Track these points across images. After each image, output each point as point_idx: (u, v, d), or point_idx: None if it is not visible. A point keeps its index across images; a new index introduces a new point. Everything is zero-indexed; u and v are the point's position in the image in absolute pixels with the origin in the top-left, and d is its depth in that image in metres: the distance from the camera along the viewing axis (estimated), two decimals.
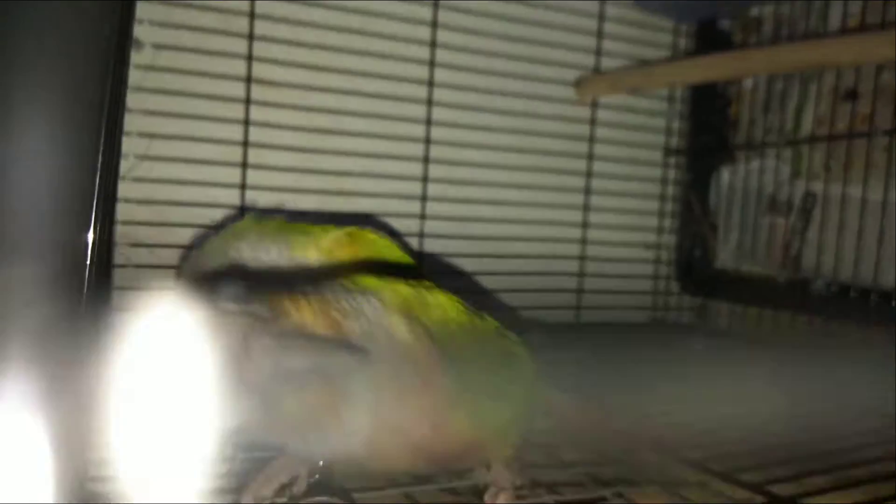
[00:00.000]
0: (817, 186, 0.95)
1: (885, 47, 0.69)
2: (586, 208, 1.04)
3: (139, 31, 0.79)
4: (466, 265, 0.96)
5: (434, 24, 0.92)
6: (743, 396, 0.67)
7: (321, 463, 0.43)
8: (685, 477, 0.50)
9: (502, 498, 0.42)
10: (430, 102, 0.93)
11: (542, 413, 0.51)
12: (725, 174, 1.07)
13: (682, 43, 1.08)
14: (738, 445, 0.57)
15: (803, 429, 0.63)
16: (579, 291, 1.04)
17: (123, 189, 0.79)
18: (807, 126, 0.96)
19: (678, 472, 0.51)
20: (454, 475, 0.47)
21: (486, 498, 0.42)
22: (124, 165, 0.79)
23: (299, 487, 0.41)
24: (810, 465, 0.54)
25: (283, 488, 0.41)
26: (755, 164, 1.02)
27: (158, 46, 0.80)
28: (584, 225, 1.04)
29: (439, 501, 0.43)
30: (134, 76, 0.79)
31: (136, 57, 0.80)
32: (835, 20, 0.91)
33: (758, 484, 0.49)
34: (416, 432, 0.37)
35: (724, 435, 0.58)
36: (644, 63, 1.03)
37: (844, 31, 0.88)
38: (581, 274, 1.04)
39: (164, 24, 0.80)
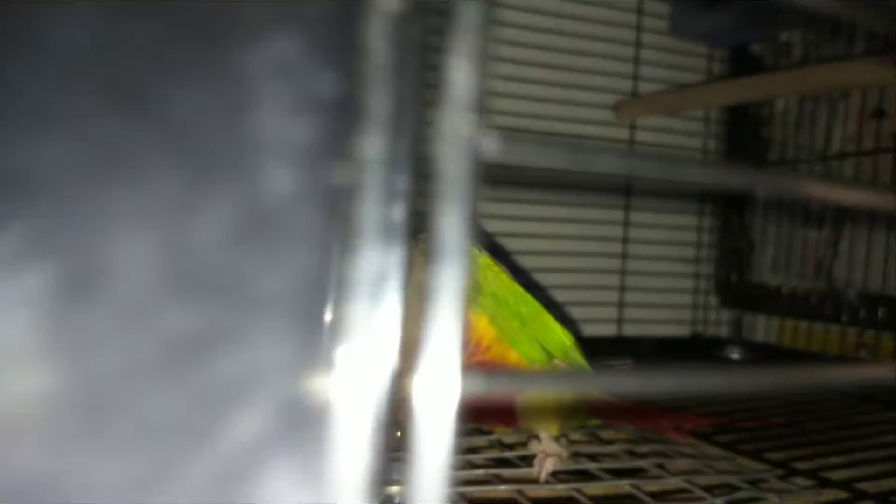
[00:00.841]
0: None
1: (888, 72, 0.75)
2: (626, 224, 1.10)
3: None
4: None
5: None
6: None
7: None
8: (715, 454, 0.56)
9: (549, 463, 0.48)
10: None
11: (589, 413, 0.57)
12: (760, 192, 1.12)
13: (716, 67, 1.13)
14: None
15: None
16: (620, 305, 1.10)
17: None
18: (836, 144, 1.01)
19: (710, 451, 0.57)
20: (507, 447, 0.53)
21: (535, 463, 0.48)
22: None
23: None
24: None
25: None
26: None
27: None
28: (625, 240, 1.10)
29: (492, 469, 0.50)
30: None
31: None
32: (860, 43, 0.97)
33: (781, 460, 0.55)
34: None
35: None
36: (679, 86, 1.09)
37: (869, 53, 0.94)
38: (622, 287, 1.10)
39: None
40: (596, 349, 1.02)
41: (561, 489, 0.46)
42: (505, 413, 0.55)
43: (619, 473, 0.49)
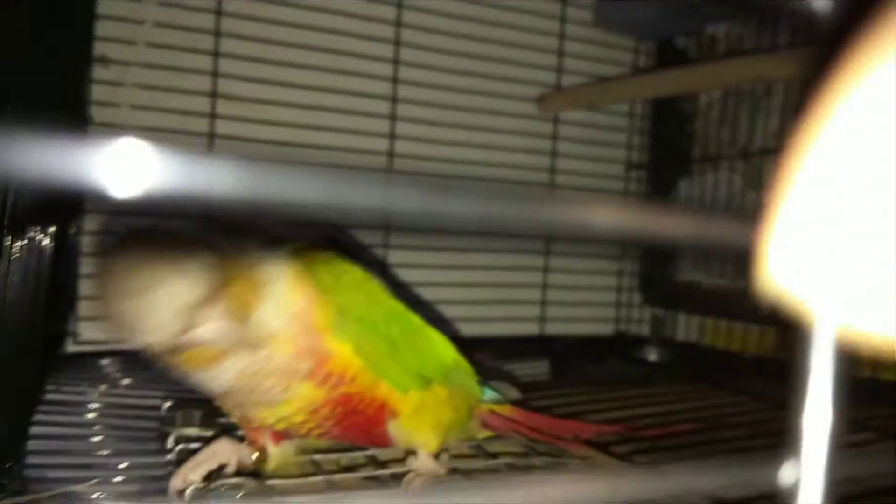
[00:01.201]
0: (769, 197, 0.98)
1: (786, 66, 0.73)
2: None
3: (106, 48, 0.82)
4: (433, 277, 0.98)
5: (397, 43, 0.96)
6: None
7: (253, 456, 0.45)
8: (605, 463, 0.53)
9: (417, 482, 0.44)
10: (393, 118, 0.96)
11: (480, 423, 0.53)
12: (683, 187, 1.10)
13: (642, 61, 1.11)
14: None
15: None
16: (543, 303, 1.07)
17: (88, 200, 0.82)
18: (759, 140, 0.99)
19: (603, 461, 0.54)
20: (380, 465, 0.49)
21: (403, 483, 0.44)
22: None
23: (228, 473, 0.43)
24: None
25: (211, 474, 0.43)
26: (710, 177, 1.05)
27: (126, 63, 0.83)
28: (548, 239, 1.07)
29: (362, 488, 0.46)
30: (100, 92, 0.83)
31: (103, 73, 0.83)
32: (783, 38, 0.95)
33: None
34: None
35: None
36: (603, 80, 1.06)
37: (793, 46, 0.92)
38: (545, 285, 1.07)
39: (131, 42, 0.83)
40: (516, 349, 1.01)
41: None
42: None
43: None
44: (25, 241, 0.53)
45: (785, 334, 0.90)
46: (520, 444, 0.54)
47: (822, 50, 0.14)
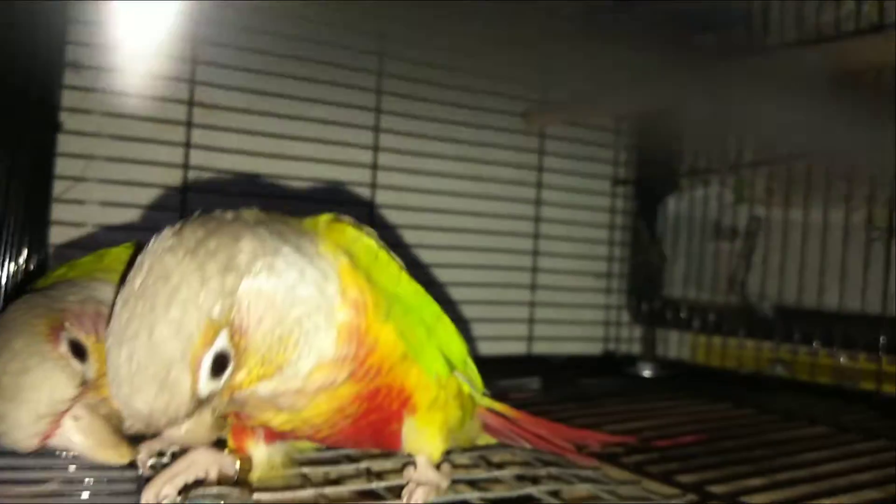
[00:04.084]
0: (760, 211, 0.96)
1: None
2: (536, 236, 1.04)
3: (79, 53, 0.79)
4: None
5: (381, 55, 0.93)
6: None
7: (236, 465, 0.41)
8: (621, 478, 0.49)
9: (420, 494, 0.40)
10: (377, 129, 0.93)
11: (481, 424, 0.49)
12: (671, 203, 1.08)
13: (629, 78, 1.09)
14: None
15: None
16: (531, 321, 1.04)
17: (57, 211, 0.78)
18: (749, 153, 0.98)
19: (615, 474, 0.50)
20: (375, 476, 0.45)
21: (404, 494, 0.40)
22: (58, 187, 0.78)
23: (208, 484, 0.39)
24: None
25: (187, 487, 0.39)
26: (700, 192, 1.04)
27: (99, 68, 0.80)
28: (535, 253, 1.04)
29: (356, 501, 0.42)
30: (71, 98, 0.79)
31: (74, 79, 0.79)
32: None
33: (693, 483, 0.48)
34: None
35: None
36: (589, 94, 1.04)
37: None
38: (532, 303, 1.04)
39: (104, 46, 0.79)
40: (505, 368, 0.97)
41: None
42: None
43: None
44: None
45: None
46: (525, 455, 0.50)
47: None
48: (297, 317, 0.32)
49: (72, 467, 0.44)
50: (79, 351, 0.40)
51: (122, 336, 0.29)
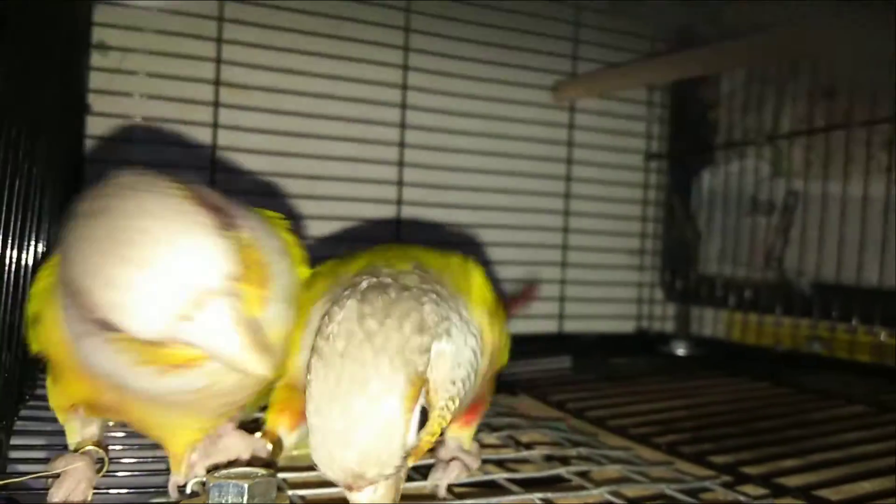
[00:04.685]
0: (798, 185, 0.94)
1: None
2: (567, 213, 1.03)
3: (105, 34, 0.79)
4: None
5: (407, 29, 0.92)
6: None
7: (268, 447, 0.41)
8: (653, 458, 0.48)
9: (451, 475, 0.39)
10: (404, 106, 0.92)
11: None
12: (706, 177, 1.05)
13: (660, 49, 1.07)
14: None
15: None
16: (562, 299, 1.02)
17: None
18: (785, 125, 0.95)
19: (647, 454, 0.49)
20: None
21: (432, 473, 0.40)
22: (89, 169, 0.78)
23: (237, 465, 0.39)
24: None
25: (217, 467, 0.38)
26: (735, 165, 1.01)
27: (125, 49, 0.80)
28: (566, 230, 1.03)
29: None
30: (98, 79, 0.79)
31: (101, 60, 0.79)
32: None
33: (727, 464, 0.47)
34: None
35: None
36: (619, 64, 1.02)
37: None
38: (563, 281, 1.02)
39: (131, 28, 0.79)
40: (536, 346, 0.96)
41: None
42: None
43: (532, 484, 0.41)
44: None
45: None
46: (555, 435, 0.50)
47: None
48: (462, 377, 0.33)
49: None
50: (225, 227, 0.31)
51: (334, 393, 0.29)
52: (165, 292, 0.29)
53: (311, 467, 0.41)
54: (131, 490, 0.40)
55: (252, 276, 0.32)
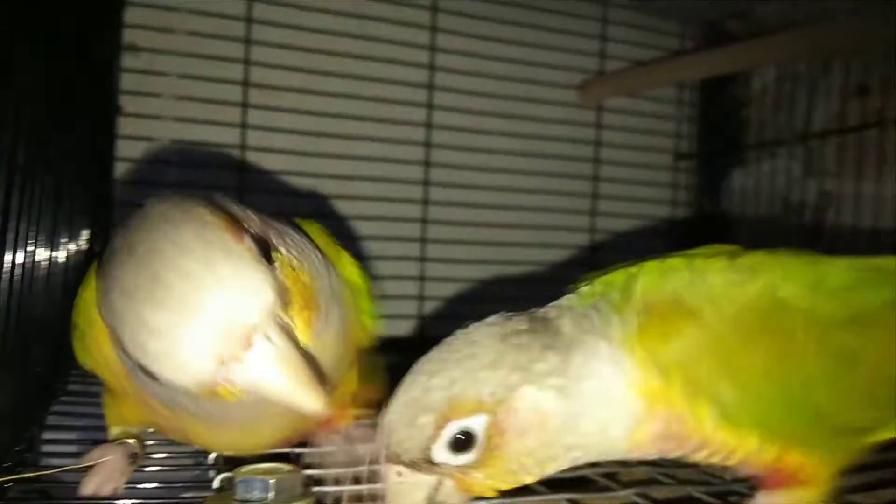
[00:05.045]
0: (830, 185, 0.92)
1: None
2: (594, 214, 1.02)
3: (136, 35, 0.80)
4: (471, 272, 0.94)
5: (433, 28, 0.92)
6: None
7: None
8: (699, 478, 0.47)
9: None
10: (430, 106, 0.92)
11: None
12: (737, 177, 1.04)
13: (689, 46, 1.06)
14: None
15: None
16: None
17: (120, 192, 0.80)
18: (818, 124, 0.93)
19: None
20: None
21: None
22: (120, 168, 0.79)
23: None
24: None
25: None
26: (767, 165, 1.00)
27: (156, 51, 0.81)
28: (593, 230, 1.02)
29: None
30: (130, 80, 0.80)
31: (132, 62, 0.80)
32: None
33: None
34: None
35: None
36: (647, 62, 1.01)
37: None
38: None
39: (161, 29, 0.80)
40: None
41: None
42: None
43: (559, 485, 0.40)
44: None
45: None
46: None
47: None
48: (569, 445, 0.30)
49: None
50: (266, 252, 0.30)
51: (415, 375, 0.30)
52: (208, 337, 0.27)
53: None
54: (162, 484, 0.41)
55: (297, 299, 0.30)
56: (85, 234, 0.63)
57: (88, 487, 0.37)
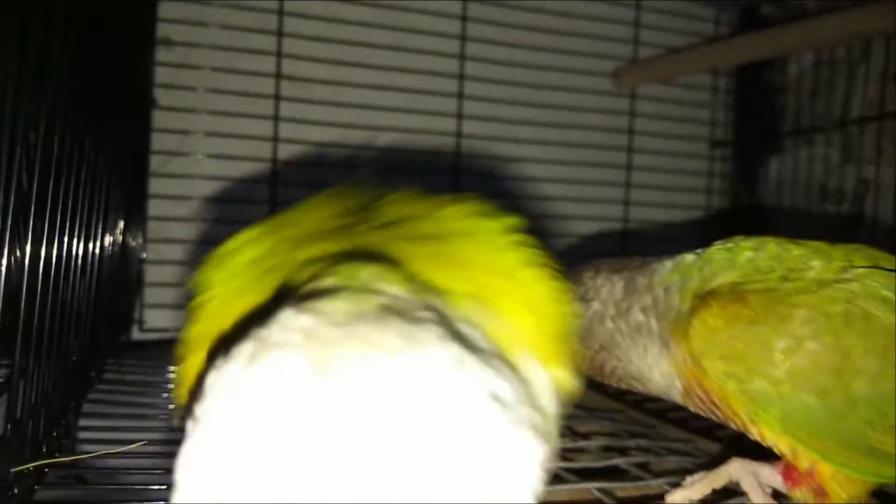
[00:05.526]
0: (869, 172, 0.90)
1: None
2: (627, 203, 1.01)
3: (170, 29, 0.81)
4: None
5: (464, 18, 0.92)
6: None
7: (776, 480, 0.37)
8: (713, 451, 0.47)
9: None
10: (461, 96, 0.92)
11: None
12: (773, 165, 1.02)
13: (724, 32, 1.04)
14: None
15: None
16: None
17: (154, 185, 0.81)
18: (856, 110, 0.91)
19: (707, 447, 0.48)
20: None
21: None
22: (155, 161, 0.80)
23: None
24: None
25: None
26: (804, 152, 0.98)
27: (190, 44, 0.82)
28: (626, 220, 1.01)
29: None
30: (164, 74, 0.81)
31: (166, 55, 0.81)
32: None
33: None
34: None
35: None
36: (681, 49, 0.99)
37: None
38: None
39: (195, 23, 0.81)
40: None
41: None
42: None
43: (589, 474, 0.40)
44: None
45: None
46: (613, 426, 0.49)
47: None
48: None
49: None
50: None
51: None
52: None
53: None
54: None
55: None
56: (120, 227, 0.64)
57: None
